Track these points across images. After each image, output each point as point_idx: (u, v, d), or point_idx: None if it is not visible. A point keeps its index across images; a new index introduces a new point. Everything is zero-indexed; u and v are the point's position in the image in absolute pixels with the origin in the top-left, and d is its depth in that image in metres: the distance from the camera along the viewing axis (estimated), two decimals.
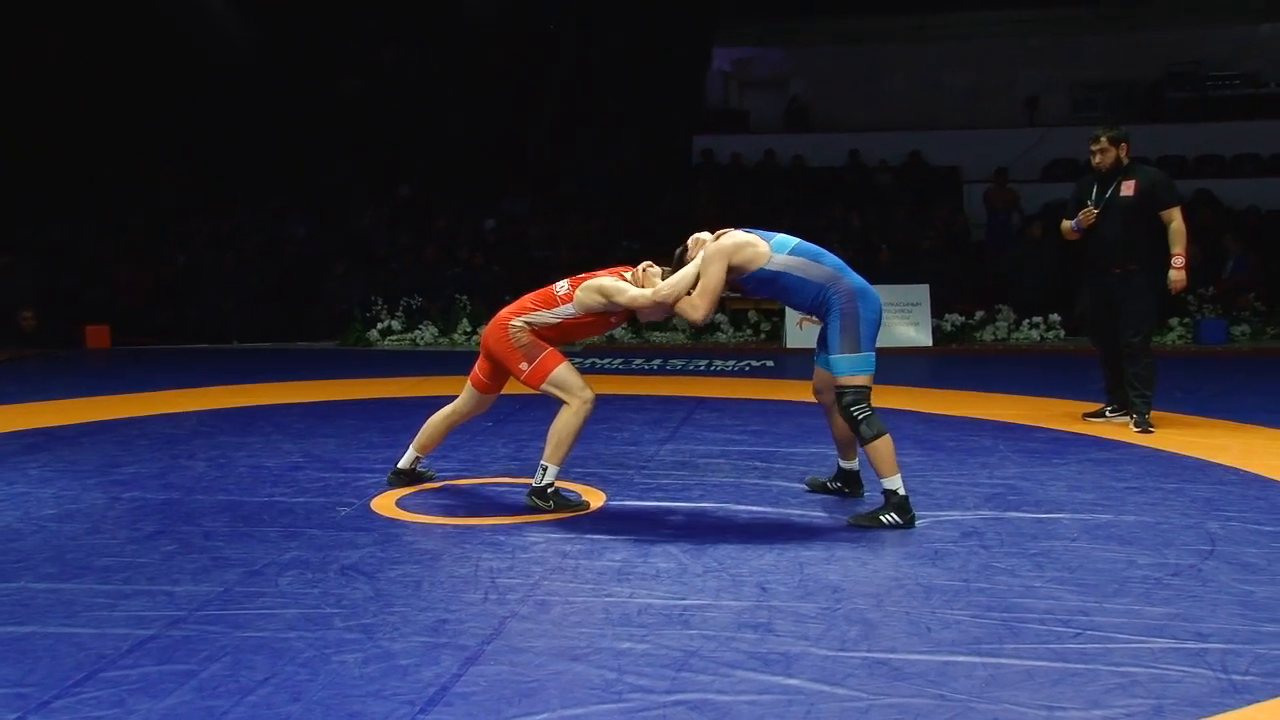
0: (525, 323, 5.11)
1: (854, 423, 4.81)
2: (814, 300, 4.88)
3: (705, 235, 5.02)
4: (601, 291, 5.03)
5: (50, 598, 3.85)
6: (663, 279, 5.05)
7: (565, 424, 5.01)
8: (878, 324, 4.88)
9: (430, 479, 5.70)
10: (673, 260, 5.12)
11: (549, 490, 5.08)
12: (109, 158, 16.38)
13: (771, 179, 17.41)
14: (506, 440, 6.76)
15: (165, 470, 5.98)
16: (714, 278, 4.82)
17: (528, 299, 5.21)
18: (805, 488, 5.47)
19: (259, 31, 17.95)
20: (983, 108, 19.34)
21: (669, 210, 15.71)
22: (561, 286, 5.17)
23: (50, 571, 4.16)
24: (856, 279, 4.88)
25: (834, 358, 4.83)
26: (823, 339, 4.96)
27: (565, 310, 5.10)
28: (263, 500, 5.28)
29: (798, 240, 4.96)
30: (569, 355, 5.24)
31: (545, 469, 5.07)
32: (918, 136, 18.04)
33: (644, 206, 16.32)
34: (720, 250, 4.84)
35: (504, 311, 5.24)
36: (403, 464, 5.59)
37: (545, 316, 5.11)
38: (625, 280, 5.11)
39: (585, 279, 5.14)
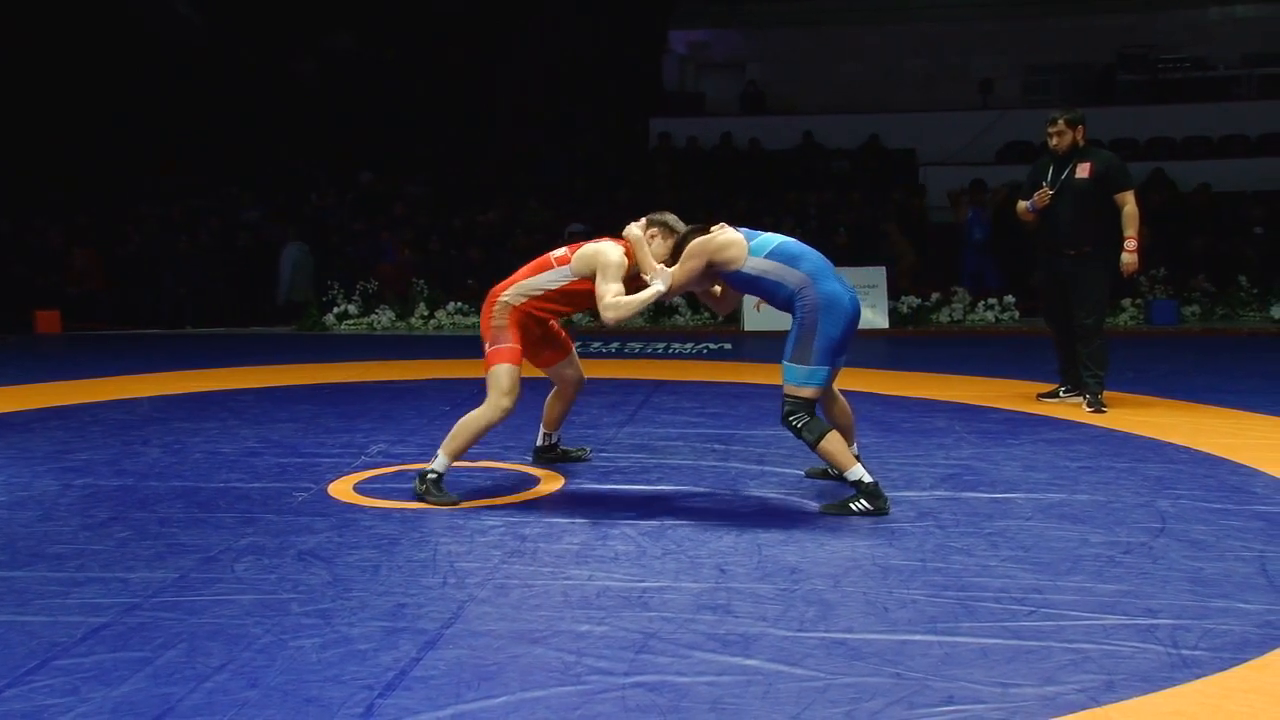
0: (519, 293, 5.05)
1: (794, 432, 4.74)
2: (785, 303, 4.81)
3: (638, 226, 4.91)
4: (591, 265, 4.99)
5: (1, 586, 3.80)
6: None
7: (473, 419, 4.93)
8: (841, 339, 4.72)
9: (582, 457, 5.76)
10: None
11: (429, 476, 4.94)
12: (61, 142, 16.13)
13: (728, 162, 17.43)
14: None
15: (119, 456, 5.91)
16: (686, 272, 4.80)
17: (522, 270, 5.15)
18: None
19: (213, 14, 17.74)
20: (938, 91, 19.46)
21: (627, 194, 15.71)
22: (559, 252, 5.13)
23: (1, 559, 4.11)
24: (829, 288, 4.70)
25: (784, 363, 4.76)
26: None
27: (565, 272, 5.02)
28: (218, 486, 5.23)
29: (781, 240, 4.85)
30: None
31: (437, 456, 4.97)
32: (874, 119, 18.13)
33: (601, 190, 16.28)
34: (703, 249, 4.79)
35: (497, 286, 5.17)
36: (539, 442, 5.72)
37: (542, 280, 5.04)
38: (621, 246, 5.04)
39: (581, 246, 5.10)
